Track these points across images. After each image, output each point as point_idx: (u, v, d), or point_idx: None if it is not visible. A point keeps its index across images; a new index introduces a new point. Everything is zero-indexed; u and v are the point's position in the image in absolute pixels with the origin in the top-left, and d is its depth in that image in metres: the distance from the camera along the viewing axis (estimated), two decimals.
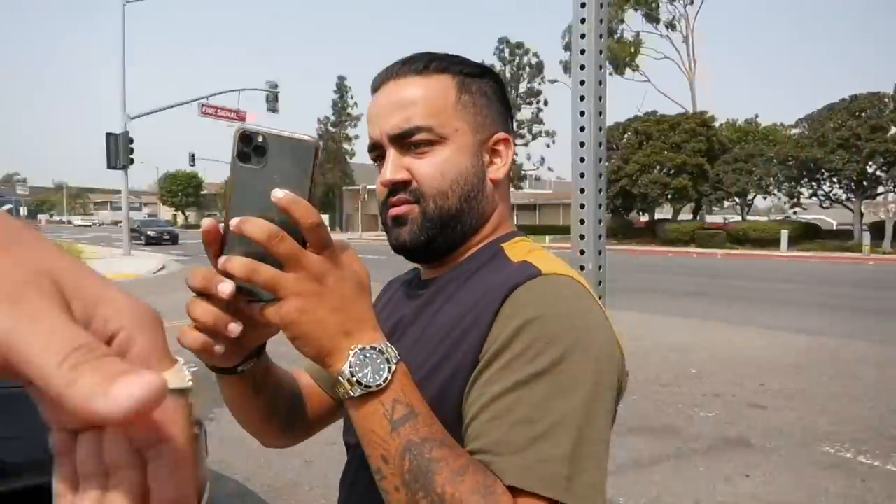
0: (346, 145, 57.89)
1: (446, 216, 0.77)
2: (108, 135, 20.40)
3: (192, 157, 43.43)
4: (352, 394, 0.58)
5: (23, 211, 28.67)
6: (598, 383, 0.64)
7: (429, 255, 0.80)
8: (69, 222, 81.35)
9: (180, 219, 74.54)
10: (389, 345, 0.60)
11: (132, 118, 21.56)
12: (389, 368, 0.58)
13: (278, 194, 0.53)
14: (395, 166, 0.77)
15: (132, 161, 21.01)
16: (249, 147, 0.55)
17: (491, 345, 0.66)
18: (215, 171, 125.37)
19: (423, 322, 0.78)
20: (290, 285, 0.55)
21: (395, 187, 0.77)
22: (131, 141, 20.79)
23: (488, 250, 0.80)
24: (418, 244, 0.78)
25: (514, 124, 0.82)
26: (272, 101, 25.22)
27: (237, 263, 0.54)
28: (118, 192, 23.33)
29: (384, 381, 0.58)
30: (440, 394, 0.67)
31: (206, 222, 0.55)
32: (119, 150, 20.38)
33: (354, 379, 0.57)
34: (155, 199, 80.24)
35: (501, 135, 0.81)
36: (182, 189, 68.95)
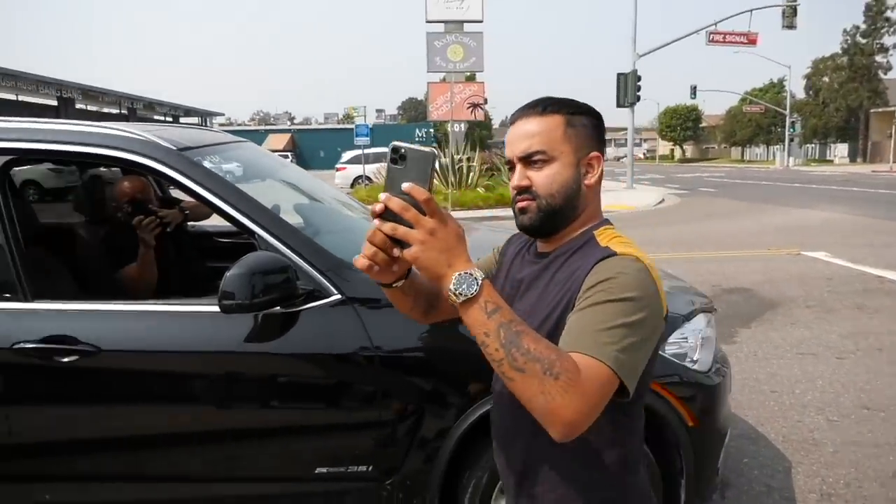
0: (878, 58, 47.72)
1: (553, 209, 1.14)
2: (619, 75, 21.75)
3: (694, 90, 42.76)
4: (458, 301, 0.95)
5: None
6: (640, 319, 1.00)
7: (541, 233, 1.18)
8: None
9: (677, 153, 75.06)
10: (477, 270, 0.96)
11: (641, 56, 22.40)
12: (478, 283, 0.94)
13: (405, 186, 0.94)
14: (521, 176, 1.14)
15: (638, 98, 21.97)
16: (397, 155, 0.96)
17: (583, 293, 1.04)
18: (716, 102, 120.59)
19: (543, 282, 1.17)
20: (415, 236, 0.94)
21: (521, 190, 1.15)
22: (639, 79, 21.70)
23: (585, 235, 1.16)
24: (534, 226, 1.16)
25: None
26: (790, 16, 22.52)
27: (387, 227, 0.95)
28: (620, 129, 24.76)
29: (475, 291, 0.94)
30: (557, 324, 1.08)
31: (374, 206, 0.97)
32: (627, 89, 21.57)
33: (458, 292, 0.94)
34: (653, 134, 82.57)
35: (595, 153, 1.16)
36: (680, 123, 68.69)
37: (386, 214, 0.95)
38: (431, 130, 50.33)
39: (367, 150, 20.75)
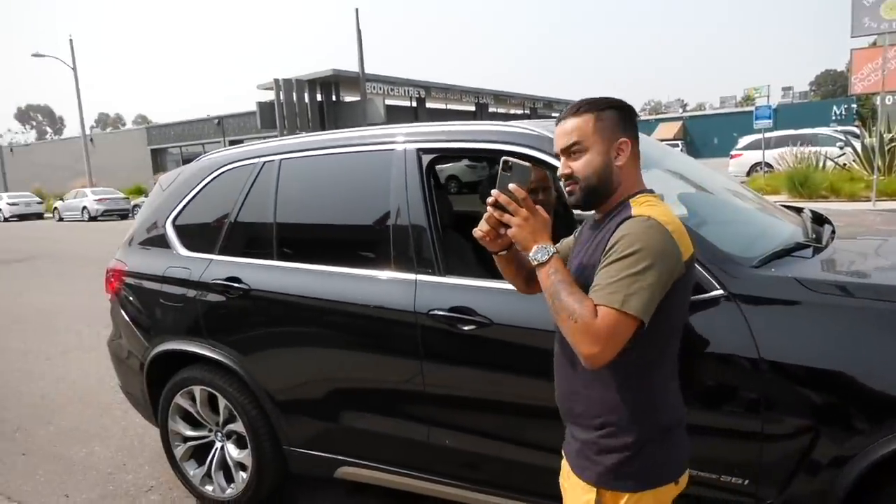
0: None
1: (591, 188, 1.48)
2: None
3: None
4: (534, 264, 1.44)
5: None
6: (645, 266, 1.31)
7: (585, 208, 1.53)
8: None
9: None
10: (551, 245, 1.44)
11: None
12: (548, 254, 1.42)
13: (511, 187, 1.44)
14: (564, 166, 1.51)
15: None
16: (507, 166, 1.46)
17: (606, 252, 1.38)
18: None
19: (592, 245, 1.50)
20: (513, 221, 1.45)
21: (566, 177, 1.51)
22: None
23: (623, 204, 1.47)
24: (579, 203, 1.51)
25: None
26: None
27: (496, 213, 1.48)
28: None
29: (545, 259, 1.42)
30: (594, 277, 1.41)
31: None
32: None
33: (536, 258, 1.43)
34: None
35: (622, 139, 1.48)
36: None
37: (497, 205, 1.46)
38: (854, 106, 42.60)
39: (768, 134, 18.72)
